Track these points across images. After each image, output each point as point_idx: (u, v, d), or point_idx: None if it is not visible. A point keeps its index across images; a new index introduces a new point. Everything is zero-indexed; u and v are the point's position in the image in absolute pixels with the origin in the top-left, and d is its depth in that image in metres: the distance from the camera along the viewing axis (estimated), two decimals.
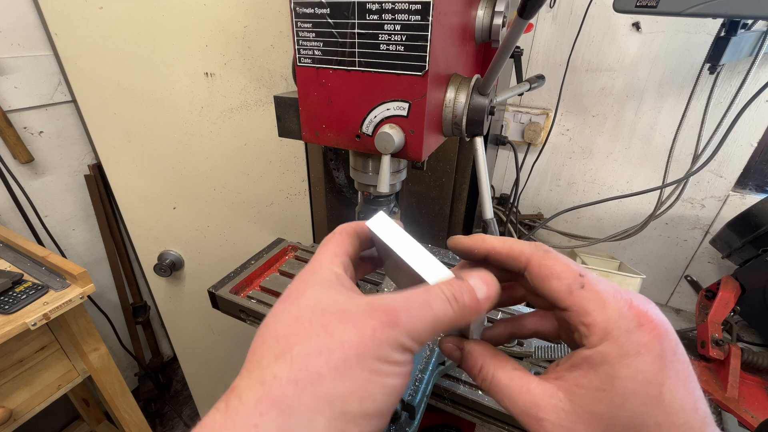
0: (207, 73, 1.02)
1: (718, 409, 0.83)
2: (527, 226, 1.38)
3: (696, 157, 0.99)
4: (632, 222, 1.18)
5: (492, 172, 1.38)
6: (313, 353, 0.22)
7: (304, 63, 0.43)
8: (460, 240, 0.31)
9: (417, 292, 0.25)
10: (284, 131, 0.54)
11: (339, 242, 0.30)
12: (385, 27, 0.38)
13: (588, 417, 0.23)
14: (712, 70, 0.88)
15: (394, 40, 0.39)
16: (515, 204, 1.32)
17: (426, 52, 0.38)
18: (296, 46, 0.43)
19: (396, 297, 0.24)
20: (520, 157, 1.31)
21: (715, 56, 0.82)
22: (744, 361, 0.86)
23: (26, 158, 1.15)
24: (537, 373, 0.28)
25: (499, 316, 0.65)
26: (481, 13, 0.47)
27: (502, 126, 1.29)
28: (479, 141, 0.48)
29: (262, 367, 0.22)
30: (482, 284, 0.26)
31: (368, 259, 0.35)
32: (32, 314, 0.77)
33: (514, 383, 0.26)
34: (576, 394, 0.24)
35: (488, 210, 0.48)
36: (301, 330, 0.23)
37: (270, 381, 0.21)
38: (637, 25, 1.07)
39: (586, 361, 0.24)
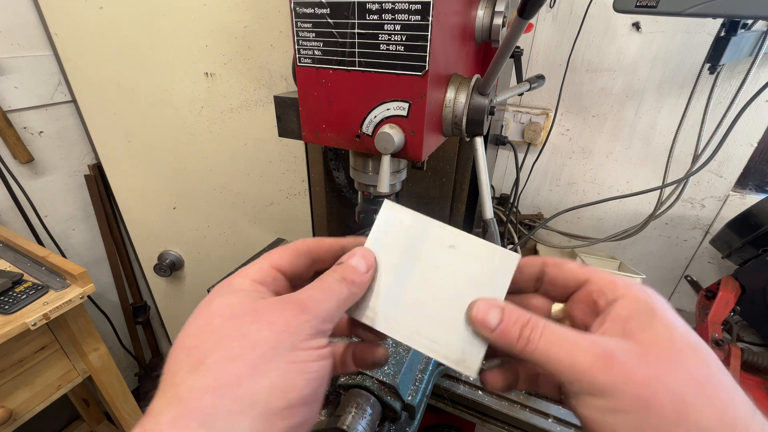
0: (207, 73, 1.02)
1: None
2: (527, 226, 1.38)
3: (696, 157, 0.99)
4: (632, 222, 1.18)
5: (492, 172, 1.38)
6: (228, 358, 0.21)
7: (304, 63, 0.43)
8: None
9: (317, 282, 0.27)
10: (284, 131, 0.54)
11: (275, 256, 0.29)
12: (385, 27, 0.38)
13: (650, 347, 0.23)
14: (712, 70, 0.88)
15: (394, 40, 0.39)
16: (515, 204, 1.32)
17: (426, 52, 0.38)
18: (296, 46, 0.43)
19: (302, 289, 0.26)
20: (520, 157, 1.31)
21: (715, 56, 0.82)
22: (744, 361, 0.86)
23: (26, 158, 1.15)
24: None
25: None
26: (481, 13, 0.47)
27: (502, 126, 1.29)
28: (479, 141, 0.48)
29: (177, 384, 0.21)
30: (361, 260, 0.29)
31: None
32: (32, 314, 0.77)
33: (567, 330, 0.25)
34: (631, 334, 0.23)
35: (488, 210, 0.48)
36: (213, 338, 0.22)
37: (186, 395, 0.20)
38: (637, 25, 1.07)
39: (624, 307, 0.25)
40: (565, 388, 0.24)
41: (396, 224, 0.31)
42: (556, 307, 0.30)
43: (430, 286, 0.29)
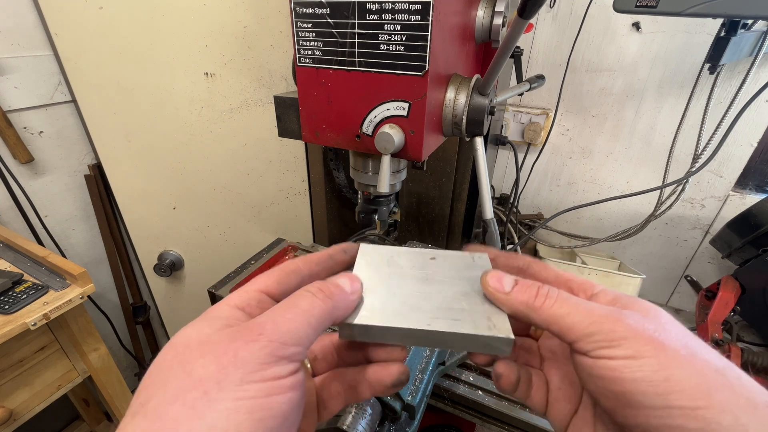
0: (207, 73, 1.02)
1: None
2: (527, 226, 1.38)
3: (696, 157, 0.99)
4: (632, 222, 1.18)
5: (492, 172, 1.38)
6: (169, 399, 0.19)
7: (304, 63, 0.43)
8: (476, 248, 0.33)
9: (283, 300, 0.25)
10: (284, 131, 0.54)
11: (261, 278, 0.27)
12: (385, 27, 0.38)
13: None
14: (712, 70, 0.88)
15: (394, 40, 0.39)
16: (515, 204, 1.32)
17: (426, 52, 0.38)
18: (296, 46, 0.43)
19: (264, 314, 0.23)
20: (520, 157, 1.31)
21: (715, 56, 0.82)
22: (744, 361, 0.86)
23: (26, 158, 1.15)
24: None
25: None
26: (481, 13, 0.47)
27: (502, 126, 1.29)
28: (479, 141, 0.48)
29: (121, 428, 0.19)
30: (346, 280, 0.27)
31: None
32: (32, 314, 0.77)
33: (577, 298, 0.26)
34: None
35: (488, 210, 0.48)
36: (161, 377, 0.21)
37: None
38: (637, 25, 1.07)
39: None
40: (579, 347, 0.24)
41: (376, 257, 0.32)
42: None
43: (426, 289, 0.29)
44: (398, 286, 0.30)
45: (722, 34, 0.80)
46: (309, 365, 0.31)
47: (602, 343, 0.23)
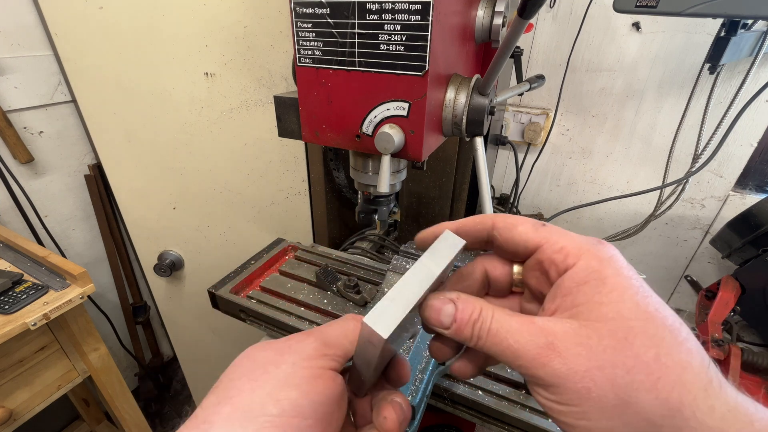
0: (207, 73, 1.02)
1: None
2: None
3: (696, 157, 0.99)
4: (632, 222, 1.18)
5: (492, 172, 1.38)
6: (237, 377, 0.26)
7: (304, 63, 0.43)
8: (425, 234, 0.30)
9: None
10: (284, 131, 0.54)
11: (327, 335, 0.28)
12: (385, 27, 0.38)
13: (597, 326, 0.22)
14: (712, 70, 0.88)
15: (394, 40, 0.39)
16: (515, 204, 1.32)
17: (426, 52, 0.38)
18: (296, 46, 0.43)
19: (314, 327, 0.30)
20: (520, 157, 1.31)
21: (715, 56, 0.82)
22: (744, 361, 0.86)
23: (26, 158, 1.15)
24: None
25: None
26: (481, 13, 0.47)
27: (502, 126, 1.29)
28: (479, 141, 0.48)
29: (200, 406, 0.24)
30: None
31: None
32: (32, 314, 0.77)
33: (515, 319, 0.24)
34: (579, 312, 0.23)
35: (488, 210, 0.48)
36: (232, 368, 0.27)
37: (199, 412, 0.24)
38: (637, 25, 1.07)
39: (574, 281, 0.23)
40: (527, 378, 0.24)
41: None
42: (517, 268, 0.29)
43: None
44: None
45: (722, 34, 0.80)
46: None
47: (531, 381, 0.23)
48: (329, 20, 0.40)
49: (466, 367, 0.30)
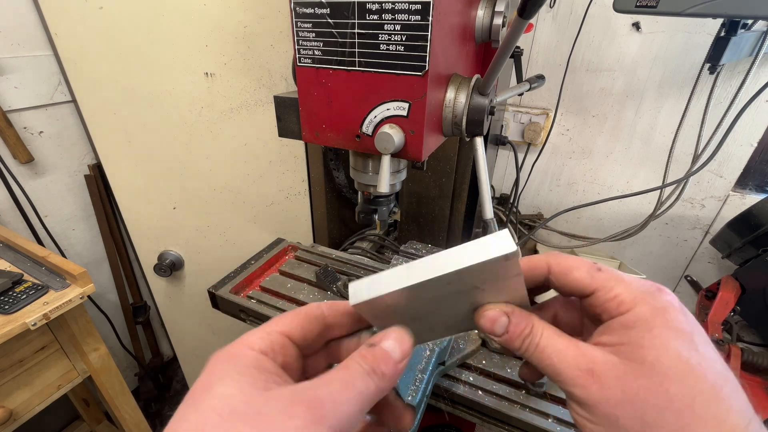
0: (207, 73, 1.02)
1: None
2: (527, 226, 1.38)
3: (696, 157, 0.99)
4: (632, 222, 1.18)
5: (492, 172, 1.38)
6: None
7: (304, 63, 0.43)
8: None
9: (339, 372, 0.22)
10: (284, 131, 0.54)
11: (284, 320, 0.25)
12: (385, 27, 0.38)
13: (635, 366, 0.23)
14: (712, 70, 0.88)
15: (394, 40, 0.39)
16: (515, 204, 1.32)
17: (426, 52, 0.38)
18: (296, 46, 0.43)
19: (318, 383, 0.21)
20: (520, 157, 1.31)
21: (715, 56, 0.82)
22: (744, 361, 0.86)
23: (26, 158, 1.15)
24: None
25: None
26: (481, 13, 0.47)
27: (502, 126, 1.29)
28: (479, 141, 0.48)
29: None
30: (396, 344, 0.25)
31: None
32: (32, 314, 0.77)
33: (562, 340, 0.26)
34: (621, 350, 0.24)
35: (488, 210, 0.48)
36: None
37: None
38: (637, 25, 1.07)
39: (622, 325, 0.24)
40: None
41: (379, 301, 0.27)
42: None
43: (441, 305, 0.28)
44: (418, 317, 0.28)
45: (722, 34, 0.80)
46: None
47: (568, 397, 0.25)
48: (329, 20, 0.40)
49: (533, 372, 0.31)
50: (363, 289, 0.26)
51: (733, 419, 0.21)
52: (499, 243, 0.23)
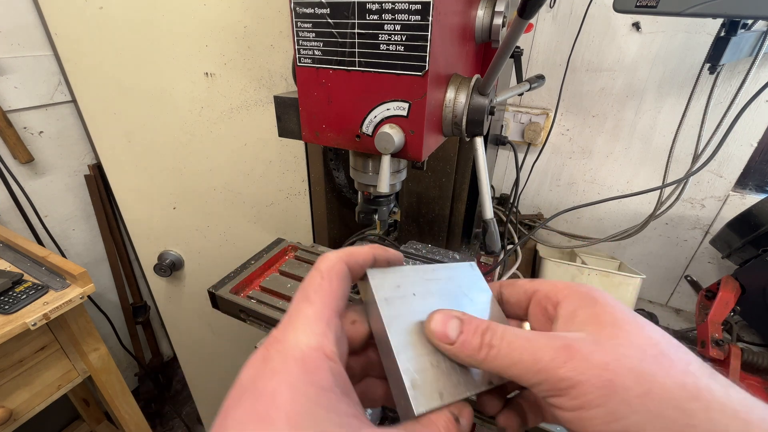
0: (207, 73, 1.02)
1: None
2: (527, 226, 1.38)
3: (696, 157, 0.99)
4: (632, 222, 1.18)
5: (492, 172, 1.38)
6: None
7: (304, 63, 0.43)
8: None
9: None
10: (284, 131, 0.54)
11: (327, 294, 0.23)
12: (385, 27, 0.38)
13: (602, 332, 0.23)
14: (712, 70, 0.88)
15: (394, 40, 0.39)
16: (515, 204, 1.32)
17: (426, 52, 0.38)
18: (296, 46, 0.43)
19: None
20: (520, 157, 1.31)
21: (715, 56, 0.82)
22: (744, 361, 0.86)
23: (26, 158, 1.15)
24: None
25: None
26: (481, 13, 0.46)
27: (502, 126, 1.29)
28: (479, 141, 0.48)
29: None
30: (467, 424, 0.24)
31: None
32: (32, 314, 0.77)
33: (526, 332, 0.24)
34: (583, 326, 0.24)
35: (488, 210, 0.48)
36: None
37: None
38: (637, 25, 1.07)
39: (569, 306, 0.26)
40: (538, 395, 0.23)
41: (388, 288, 0.28)
42: (525, 326, 0.32)
43: None
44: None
45: (722, 34, 0.80)
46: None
47: (551, 392, 0.22)
48: (329, 20, 0.40)
49: (512, 419, 0.29)
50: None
51: (693, 359, 0.22)
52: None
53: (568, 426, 0.22)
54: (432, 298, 0.29)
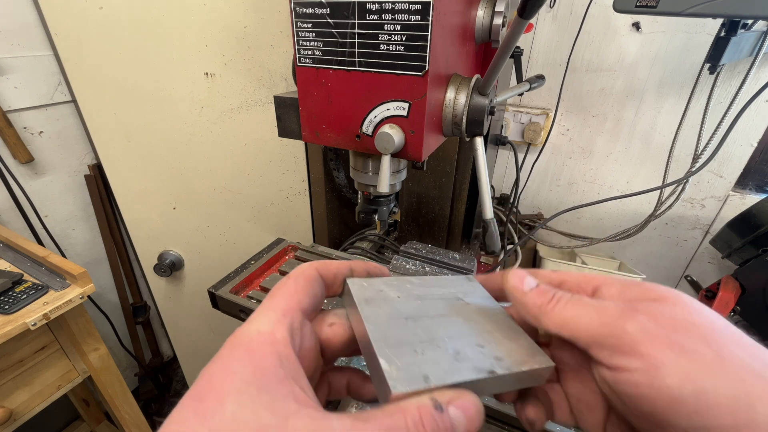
0: (207, 73, 1.02)
1: None
2: (527, 226, 1.38)
3: (696, 157, 0.99)
4: (632, 222, 1.18)
5: (492, 172, 1.38)
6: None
7: (304, 63, 0.43)
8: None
9: (383, 419, 0.18)
10: (284, 131, 0.54)
11: (291, 292, 0.23)
12: (385, 27, 0.38)
13: (659, 305, 0.22)
14: (712, 70, 0.88)
15: (394, 40, 0.39)
16: (515, 204, 1.32)
17: (426, 52, 0.38)
18: (296, 46, 0.43)
19: (356, 426, 0.17)
20: (520, 157, 1.31)
21: (715, 56, 0.82)
22: None
23: (26, 158, 1.15)
24: None
25: None
26: (481, 13, 0.47)
27: (502, 126, 1.29)
28: (479, 141, 0.48)
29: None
30: (462, 417, 0.20)
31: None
32: (32, 314, 0.77)
33: (589, 299, 0.25)
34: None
35: (488, 210, 0.48)
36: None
37: None
38: (637, 25, 1.07)
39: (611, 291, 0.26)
40: (595, 355, 0.22)
41: (370, 292, 0.28)
42: (541, 331, 0.30)
43: (442, 332, 0.26)
44: (413, 335, 0.26)
45: (722, 34, 0.80)
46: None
47: (615, 348, 0.21)
48: (329, 20, 0.40)
49: (539, 412, 0.27)
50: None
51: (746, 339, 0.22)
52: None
53: (629, 392, 0.21)
54: (418, 301, 0.28)
